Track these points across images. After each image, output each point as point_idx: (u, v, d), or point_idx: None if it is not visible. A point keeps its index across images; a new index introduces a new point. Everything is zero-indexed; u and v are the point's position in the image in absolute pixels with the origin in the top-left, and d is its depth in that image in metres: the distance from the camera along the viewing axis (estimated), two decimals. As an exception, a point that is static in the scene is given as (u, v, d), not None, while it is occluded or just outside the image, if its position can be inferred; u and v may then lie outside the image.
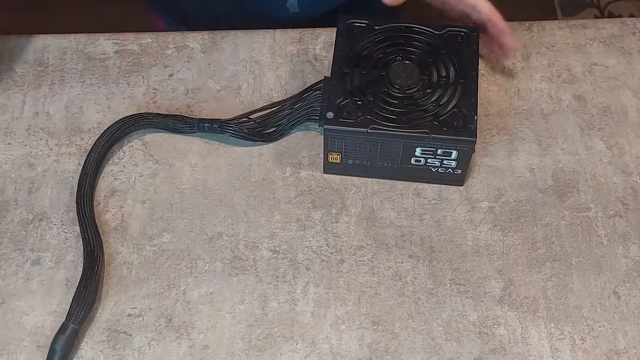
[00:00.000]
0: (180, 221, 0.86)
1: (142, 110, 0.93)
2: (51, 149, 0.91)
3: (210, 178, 0.89)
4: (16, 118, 0.93)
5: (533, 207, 0.87)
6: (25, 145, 0.91)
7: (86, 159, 0.88)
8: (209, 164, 0.90)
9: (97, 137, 0.89)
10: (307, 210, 0.87)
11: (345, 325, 0.80)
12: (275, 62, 0.97)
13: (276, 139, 0.91)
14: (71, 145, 0.91)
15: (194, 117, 0.90)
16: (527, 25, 1.00)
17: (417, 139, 0.82)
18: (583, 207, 0.87)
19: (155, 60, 0.98)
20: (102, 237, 0.85)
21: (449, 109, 0.83)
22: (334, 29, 0.99)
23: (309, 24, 1.00)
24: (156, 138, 0.91)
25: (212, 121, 0.90)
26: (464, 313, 0.81)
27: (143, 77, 0.96)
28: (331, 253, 0.84)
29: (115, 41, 0.99)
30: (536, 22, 1.01)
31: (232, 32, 0.99)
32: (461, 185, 0.88)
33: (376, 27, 0.89)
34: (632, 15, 2.03)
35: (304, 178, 0.89)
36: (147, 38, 0.99)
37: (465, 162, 0.85)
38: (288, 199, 0.88)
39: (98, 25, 1.11)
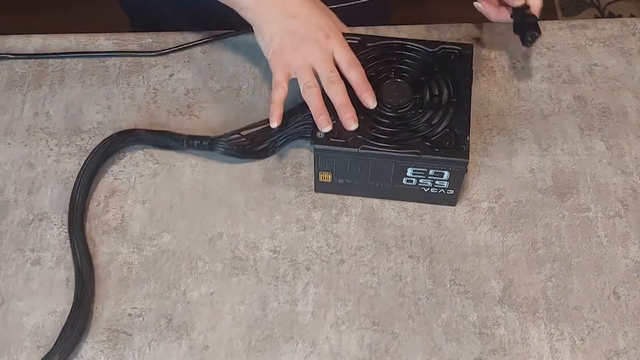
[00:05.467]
0: (181, 221, 0.86)
1: (142, 113, 0.93)
2: (51, 149, 0.91)
3: (210, 178, 0.89)
4: (16, 118, 0.93)
5: (533, 208, 0.87)
6: (26, 146, 0.91)
7: (75, 184, 0.86)
8: (209, 165, 0.90)
9: (86, 156, 0.87)
10: (307, 211, 0.87)
11: (345, 325, 0.80)
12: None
13: (267, 156, 0.89)
14: (71, 145, 0.91)
15: (183, 133, 0.88)
16: (527, 25, 1.00)
17: (408, 159, 0.81)
18: (583, 207, 0.87)
19: (156, 60, 0.98)
20: (102, 237, 0.85)
21: (440, 129, 0.81)
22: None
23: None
24: (156, 138, 0.92)
25: (202, 138, 0.88)
26: (464, 314, 0.81)
27: (143, 77, 0.96)
28: (331, 253, 0.84)
29: (115, 41, 0.99)
30: (536, 22, 1.01)
31: (232, 32, 0.99)
32: (454, 206, 0.87)
33: (369, 45, 0.87)
34: (632, 16, 2.03)
35: (304, 178, 0.89)
36: (147, 38, 0.99)
37: (457, 182, 0.83)
38: (288, 199, 0.88)
39: (98, 25, 1.10)
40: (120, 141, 0.89)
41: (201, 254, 0.84)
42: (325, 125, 0.82)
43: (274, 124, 0.84)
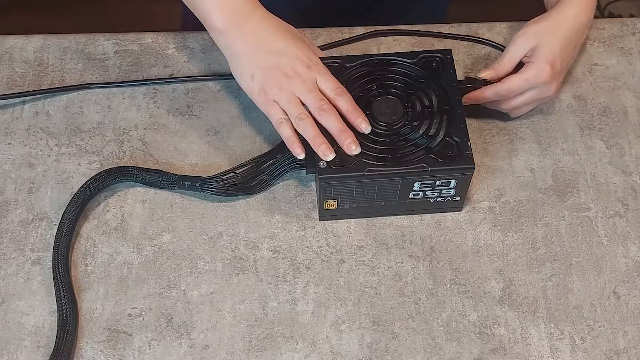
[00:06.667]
0: (181, 221, 0.86)
1: (142, 113, 0.93)
2: (51, 149, 0.91)
3: (210, 178, 0.89)
4: (16, 118, 0.93)
5: (533, 207, 0.87)
6: (25, 145, 0.91)
7: (62, 217, 0.84)
8: (210, 164, 0.90)
9: (79, 187, 0.85)
10: (307, 210, 0.87)
11: (345, 325, 0.80)
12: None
13: (260, 191, 0.88)
14: (71, 145, 0.91)
15: (174, 173, 0.87)
16: (527, 25, 1.00)
17: (415, 174, 0.80)
18: (583, 207, 0.87)
19: (156, 60, 0.98)
20: (102, 237, 0.85)
21: (439, 139, 0.81)
22: (335, 29, 1.00)
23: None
24: (156, 138, 0.92)
25: (192, 179, 0.86)
26: (464, 313, 0.81)
27: (143, 77, 0.96)
28: (331, 253, 0.84)
29: (115, 41, 0.99)
30: (536, 22, 1.01)
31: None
32: (460, 211, 0.87)
33: (349, 65, 0.86)
34: (632, 16, 2.03)
35: (304, 177, 0.89)
36: (147, 38, 0.99)
37: (464, 188, 0.83)
38: (288, 199, 0.88)
39: (98, 25, 1.11)
40: (112, 177, 0.86)
41: (201, 253, 0.84)
42: (328, 154, 0.79)
43: (301, 155, 0.81)
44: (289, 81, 0.82)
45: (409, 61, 0.86)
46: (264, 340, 0.79)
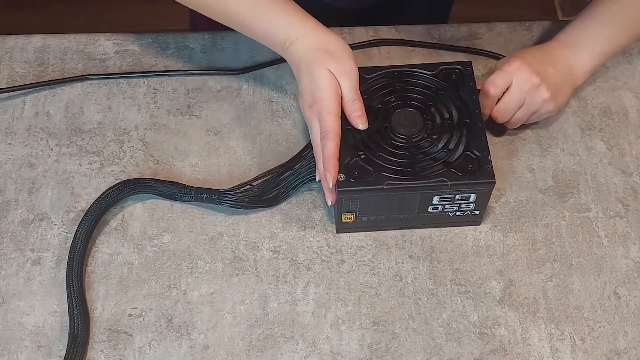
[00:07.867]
0: (181, 221, 0.86)
1: (143, 113, 0.93)
2: (52, 149, 0.91)
3: (210, 178, 0.89)
4: (16, 118, 0.93)
5: (533, 208, 0.87)
6: (26, 146, 0.91)
7: (77, 230, 0.83)
8: (210, 164, 0.90)
9: (90, 205, 0.85)
10: (307, 211, 0.87)
11: (345, 325, 0.80)
12: (276, 61, 0.97)
13: (278, 203, 0.87)
14: (72, 145, 0.91)
15: (192, 186, 0.86)
16: (527, 25, 1.00)
17: (435, 188, 0.79)
18: (583, 207, 0.87)
19: (156, 61, 0.97)
20: (102, 237, 0.85)
21: (459, 152, 0.79)
22: (335, 29, 0.99)
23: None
24: (157, 138, 0.92)
25: (210, 191, 0.85)
26: (464, 313, 0.81)
27: (143, 76, 0.96)
28: (331, 253, 0.84)
29: (115, 41, 0.99)
30: (536, 22, 1.01)
31: (233, 32, 0.99)
32: (479, 225, 0.86)
33: (367, 76, 0.84)
34: (632, 16, 2.03)
35: (305, 178, 0.89)
36: (147, 38, 0.99)
37: (483, 202, 0.82)
38: (288, 199, 0.88)
39: (98, 25, 1.10)
40: (127, 189, 0.86)
41: (201, 253, 0.84)
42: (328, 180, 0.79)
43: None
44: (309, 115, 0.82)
45: (429, 73, 0.85)
46: (264, 341, 0.79)
